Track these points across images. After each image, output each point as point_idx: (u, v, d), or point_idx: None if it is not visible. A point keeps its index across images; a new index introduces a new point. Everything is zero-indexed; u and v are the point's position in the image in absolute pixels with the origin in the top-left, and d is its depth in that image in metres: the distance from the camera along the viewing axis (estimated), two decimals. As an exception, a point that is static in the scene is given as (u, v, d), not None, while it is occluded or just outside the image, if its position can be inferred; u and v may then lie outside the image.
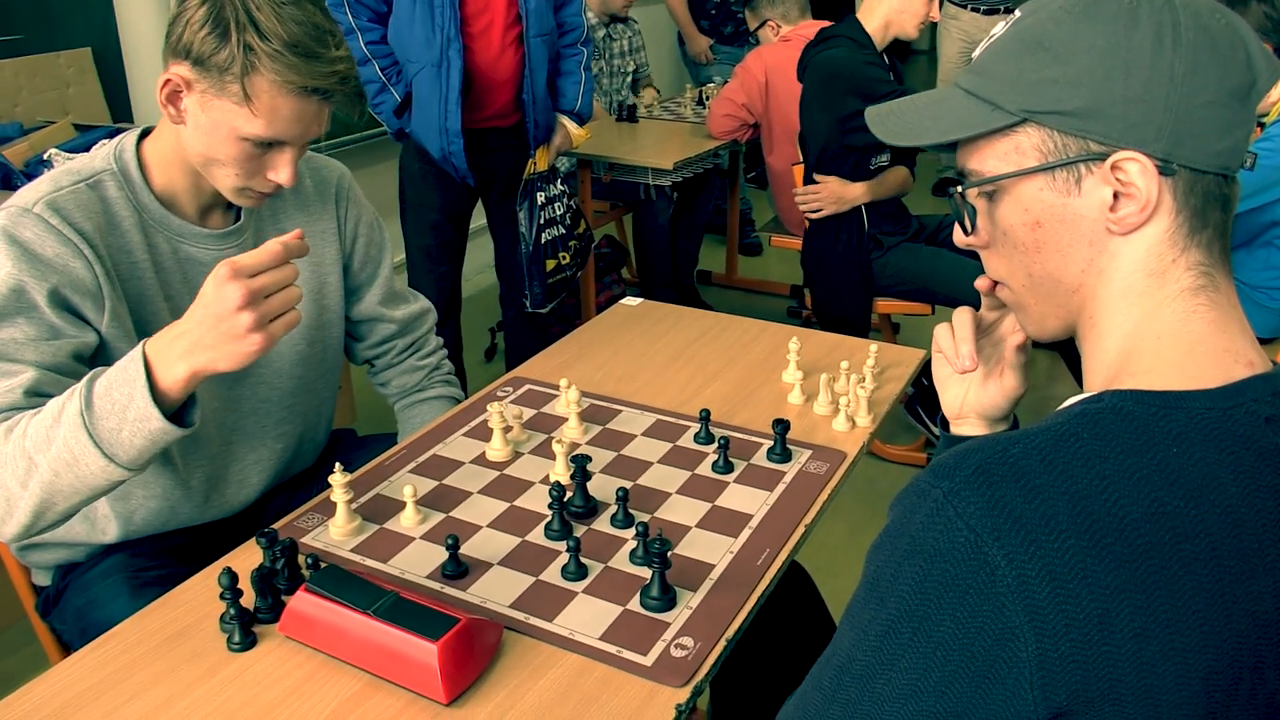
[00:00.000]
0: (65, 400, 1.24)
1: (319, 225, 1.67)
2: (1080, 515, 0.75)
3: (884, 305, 3.34)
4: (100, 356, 1.40)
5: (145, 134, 1.50)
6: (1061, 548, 0.75)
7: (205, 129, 1.38)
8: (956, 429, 1.16)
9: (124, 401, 1.20)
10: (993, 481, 0.77)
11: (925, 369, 3.04)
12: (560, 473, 1.49)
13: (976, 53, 0.93)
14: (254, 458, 1.65)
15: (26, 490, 1.24)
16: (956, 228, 0.98)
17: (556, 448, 1.48)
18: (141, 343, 1.22)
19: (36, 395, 1.30)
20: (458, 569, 1.28)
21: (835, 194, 3.21)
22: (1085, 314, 0.90)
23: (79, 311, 1.37)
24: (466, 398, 1.81)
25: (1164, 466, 0.78)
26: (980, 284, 1.04)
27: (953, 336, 1.11)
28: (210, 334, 1.18)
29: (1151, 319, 0.86)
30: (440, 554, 1.32)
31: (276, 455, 1.68)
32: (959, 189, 0.94)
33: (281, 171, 1.42)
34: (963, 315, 1.11)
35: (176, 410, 1.24)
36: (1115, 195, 0.85)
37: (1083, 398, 0.86)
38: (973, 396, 1.14)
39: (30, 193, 1.38)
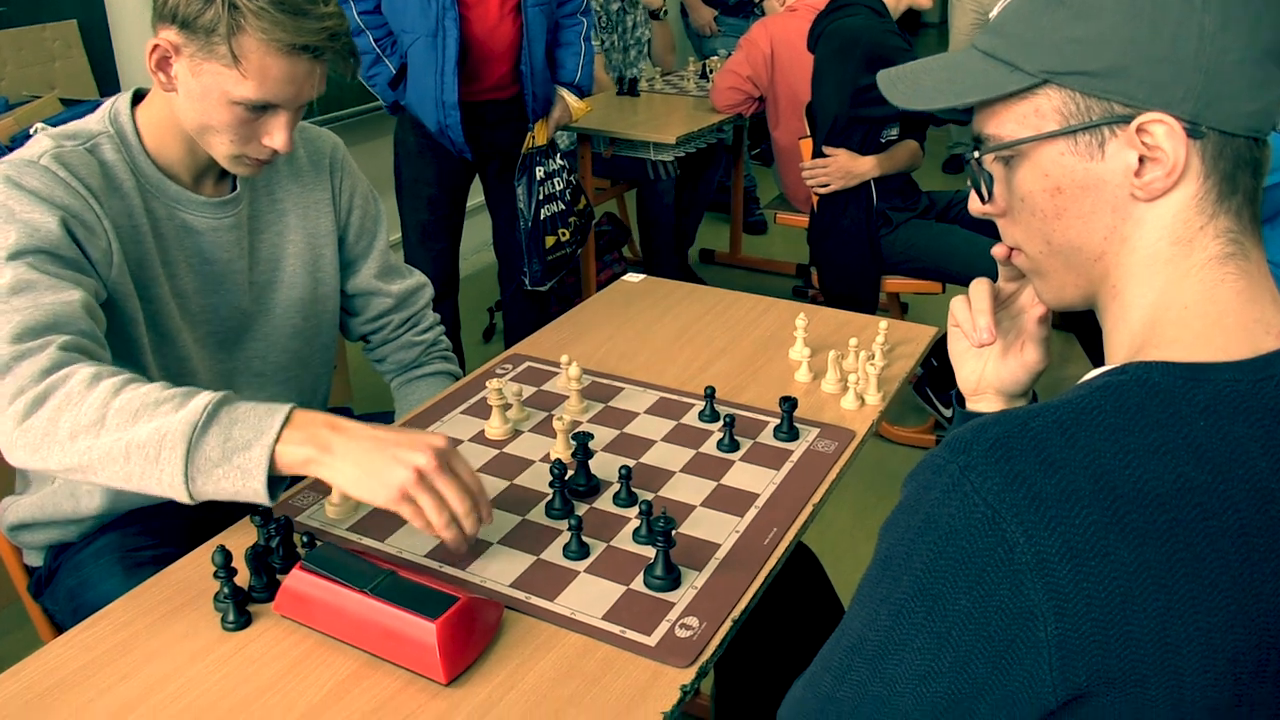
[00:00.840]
0: (181, 396, 1.20)
1: (313, 196, 1.66)
2: (1102, 490, 0.74)
3: (893, 284, 3.33)
4: (108, 314, 1.39)
5: (138, 97, 1.49)
6: (1083, 524, 0.74)
7: (197, 95, 1.37)
8: (973, 405, 1.16)
9: (241, 444, 1.17)
10: (1011, 455, 0.77)
11: (935, 348, 3.04)
12: (561, 451, 1.48)
13: (994, 12, 0.92)
14: None
15: (74, 444, 1.19)
16: (973, 195, 0.97)
17: (557, 425, 1.48)
18: (292, 406, 1.20)
19: (74, 349, 1.26)
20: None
21: (844, 168, 3.19)
22: (1108, 283, 0.89)
23: (89, 254, 1.37)
24: (464, 376, 1.80)
25: (1190, 440, 0.76)
26: (997, 251, 1.03)
27: (969, 308, 1.10)
28: (371, 453, 1.16)
29: (1177, 288, 0.85)
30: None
31: None
32: (975, 154, 0.93)
33: (277, 136, 1.41)
34: (980, 286, 1.10)
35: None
36: (1140, 159, 0.83)
37: (1105, 370, 0.85)
38: (991, 371, 1.13)
39: (33, 148, 1.38)
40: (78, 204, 1.36)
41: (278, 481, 1.20)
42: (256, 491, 1.17)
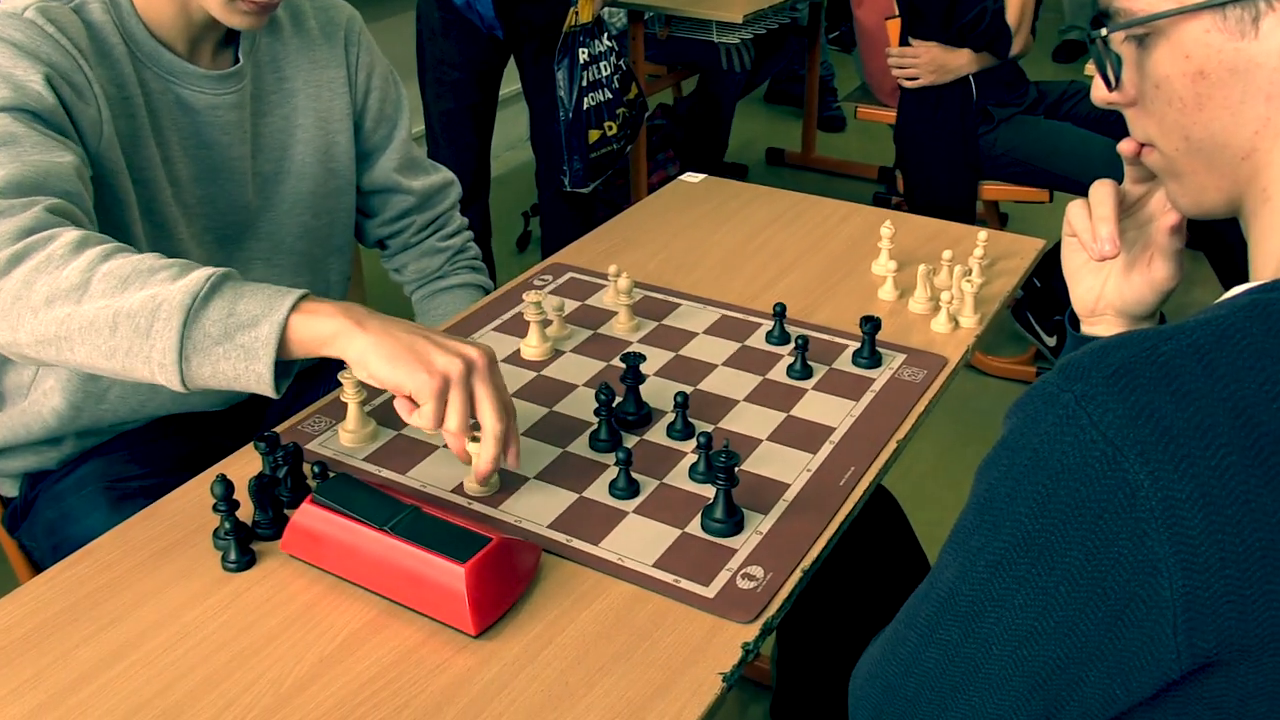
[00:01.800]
0: (181, 266, 1.17)
1: (326, 73, 1.65)
2: (1245, 427, 0.73)
3: (992, 190, 3.29)
4: (97, 191, 1.39)
5: None
6: (1220, 466, 0.73)
7: None
8: (1089, 328, 1.14)
9: (247, 320, 1.14)
10: (1137, 384, 0.75)
11: (1039, 266, 3.01)
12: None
13: None
14: None
15: (50, 311, 1.15)
16: (1096, 81, 0.95)
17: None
18: (305, 292, 1.18)
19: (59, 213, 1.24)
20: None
21: (936, 61, 3.16)
22: (1257, 185, 0.87)
23: (77, 120, 1.37)
24: (496, 289, 1.80)
25: (1353, 370, 0.75)
26: (1125, 147, 1.00)
27: (1089, 215, 1.08)
28: (414, 334, 1.17)
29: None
30: (466, 465, 1.32)
31: None
32: (1101, 32, 0.91)
33: None
34: (1103, 189, 1.08)
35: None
36: (1302, 38, 0.81)
37: (1251, 286, 0.83)
38: (1112, 289, 1.12)
39: (14, 2, 1.38)
40: (66, 63, 1.35)
41: (284, 371, 1.18)
42: (260, 376, 1.14)
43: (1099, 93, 0.95)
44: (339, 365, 1.36)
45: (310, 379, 1.76)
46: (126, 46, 1.44)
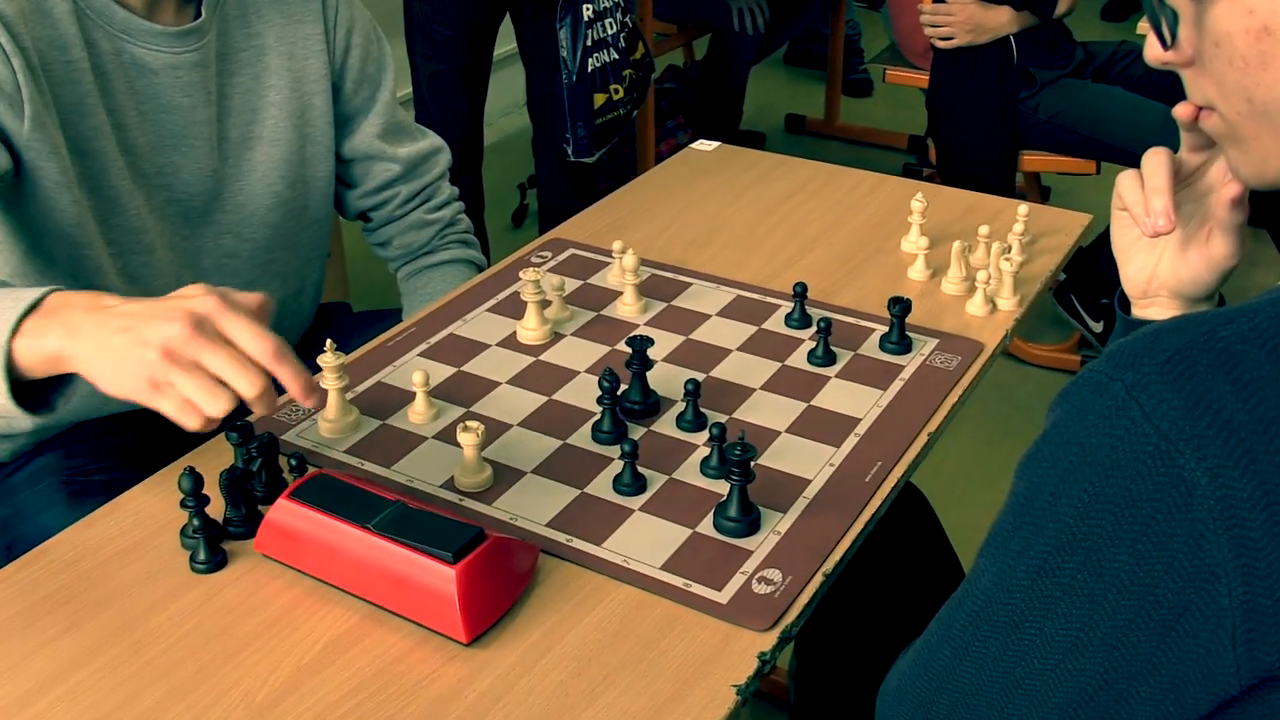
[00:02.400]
0: None
1: (301, 29, 1.65)
2: None
3: (1033, 161, 3.29)
4: (21, 184, 1.39)
5: None
6: None
7: None
8: (1141, 311, 1.14)
9: None
10: (1194, 372, 0.75)
11: (1086, 248, 3.00)
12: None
13: None
14: None
15: None
16: (1150, 39, 0.95)
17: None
18: (51, 289, 1.14)
19: None
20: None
21: (973, 19, 3.16)
22: (1325, 154, 0.86)
23: None
24: (490, 266, 1.80)
25: None
26: (1181, 111, 1.00)
27: (1141, 187, 1.08)
28: (118, 334, 1.08)
29: None
30: (456, 457, 1.32)
31: None
32: (1156, -16, 0.91)
33: None
34: (1157, 158, 1.07)
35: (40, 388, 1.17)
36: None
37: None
38: (1166, 269, 1.12)
39: None
40: None
41: (44, 391, 1.16)
42: (4, 407, 1.12)
43: (1153, 52, 0.95)
44: (319, 349, 1.36)
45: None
46: (73, 3, 1.43)
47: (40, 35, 1.40)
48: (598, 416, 1.37)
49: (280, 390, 1.09)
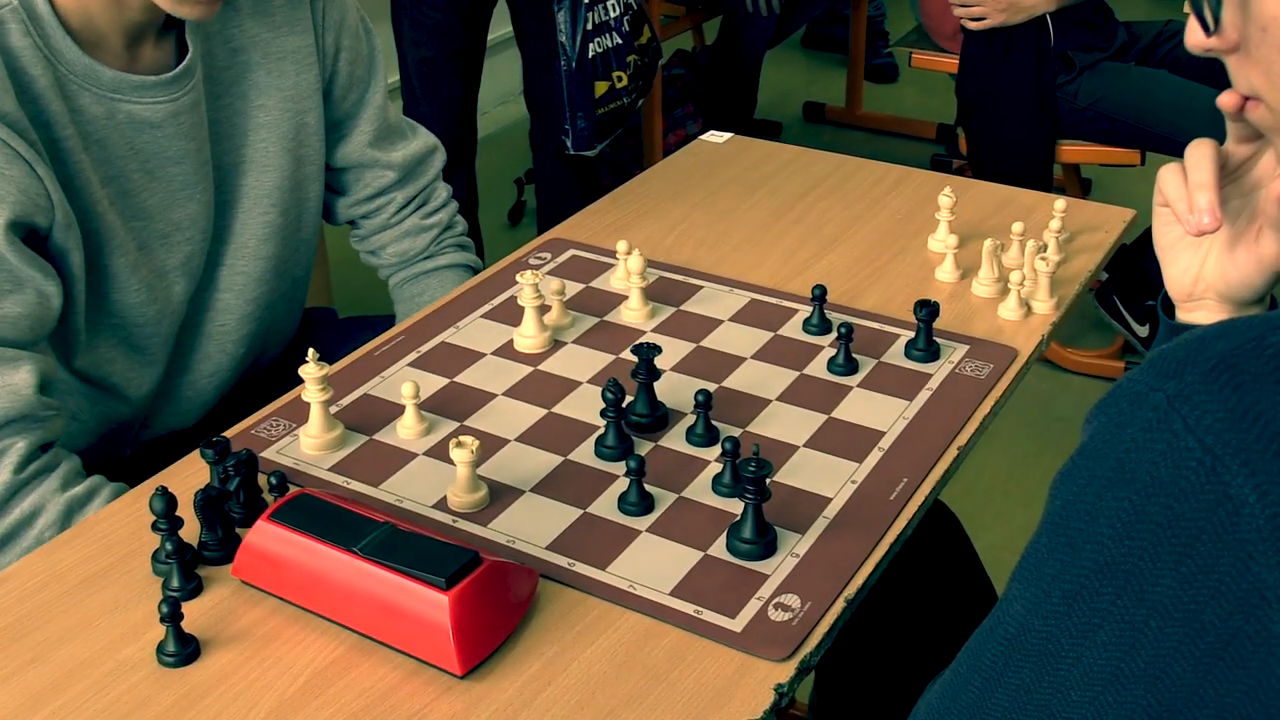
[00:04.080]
0: None
1: (291, 42, 1.64)
2: None
3: (1072, 151, 3.29)
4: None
5: None
6: None
7: None
8: (1185, 315, 1.14)
9: None
10: (1241, 382, 0.75)
11: (1130, 245, 2.99)
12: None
13: None
14: (209, 367, 1.67)
15: None
16: (1192, 23, 0.95)
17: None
18: None
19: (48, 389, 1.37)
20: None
21: (1007, -1, 3.15)
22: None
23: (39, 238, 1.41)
24: (485, 268, 1.80)
25: None
26: (1225, 100, 1.00)
27: (1185, 181, 1.08)
28: None
29: None
30: (449, 475, 1.32)
31: (239, 360, 1.70)
32: (1199, -36, 0.91)
33: None
34: (1201, 150, 1.08)
35: None
36: None
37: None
38: (1212, 269, 1.12)
39: None
40: (21, 173, 1.36)
41: None
42: None
43: (1194, 37, 0.95)
44: (301, 359, 1.37)
45: (267, 379, 1.77)
46: (54, 72, 1.42)
47: (28, 114, 1.39)
48: (601, 431, 1.38)
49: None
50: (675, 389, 1.46)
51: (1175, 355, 0.78)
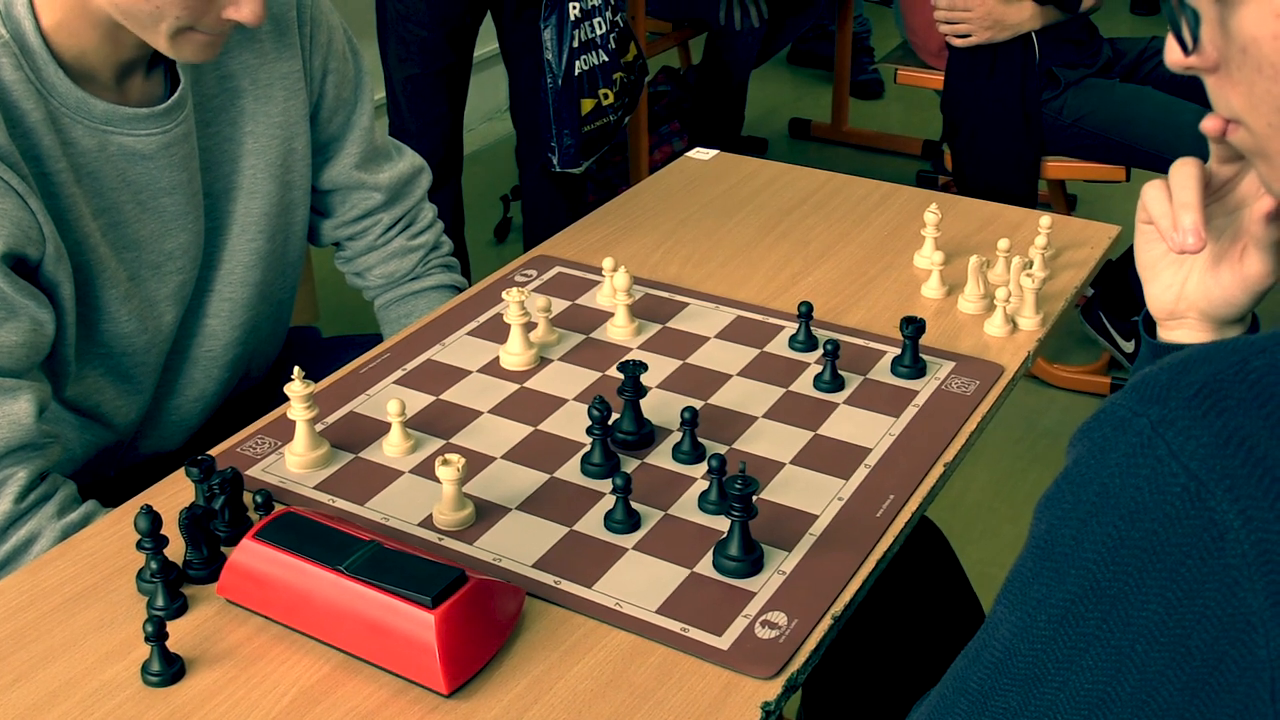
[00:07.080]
0: None
1: (279, 68, 1.64)
2: None
3: (1057, 167, 3.29)
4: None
5: None
6: None
7: None
8: (1167, 334, 1.14)
9: None
10: (1225, 406, 0.75)
11: (1115, 261, 3.00)
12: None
13: None
14: (195, 392, 1.67)
15: None
16: (1171, 42, 0.95)
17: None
18: None
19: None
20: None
21: (992, 15, 3.16)
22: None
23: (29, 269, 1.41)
24: (470, 286, 1.80)
25: None
26: (1208, 125, 1.00)
27: (1169, 199, 1.08)
28: None
29: None
30: (435, 493, 1.32)
31: (224, 384, 1.70)
32: (1178, -17, 0.91)
33: (245, 7, 1.38)
34: (1185, 169, 1.08)
35: None
36: None
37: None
38: (1195, 287, 1.12)
39: None
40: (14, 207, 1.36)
41: None
42: None
43: (1174, 56, 0.94)
44: (287, 378, 1.36)
45: (252, 398, 1.76)
46: (46, 106, 1.41)
47: (20, 150, 1.39)
48: (587, 448, 1.38)
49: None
50: (661, 406, 1.46)
51: (1158, 380, 0.78)
